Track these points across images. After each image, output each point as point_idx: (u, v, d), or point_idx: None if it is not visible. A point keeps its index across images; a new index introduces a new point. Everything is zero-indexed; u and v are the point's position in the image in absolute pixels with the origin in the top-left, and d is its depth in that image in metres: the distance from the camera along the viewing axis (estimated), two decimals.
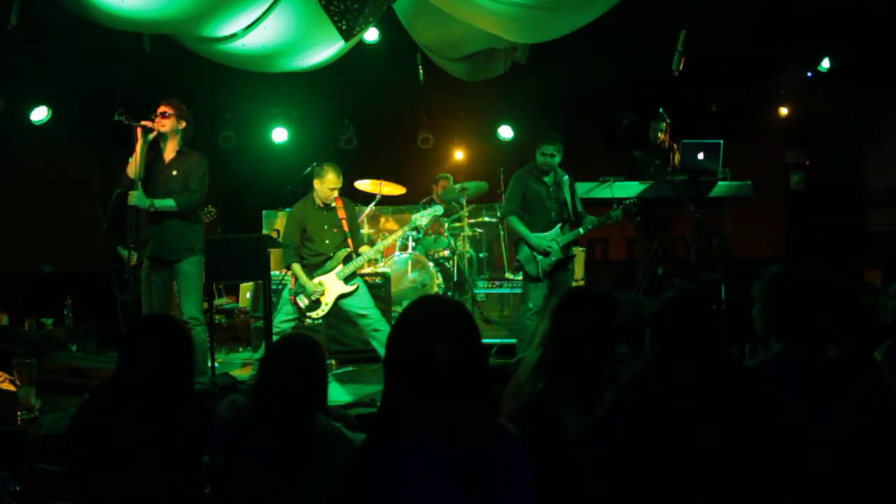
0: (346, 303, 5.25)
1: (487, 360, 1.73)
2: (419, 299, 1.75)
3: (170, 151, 4.77)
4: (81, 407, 2.33)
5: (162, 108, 4.69)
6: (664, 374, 2.10)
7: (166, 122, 4.67)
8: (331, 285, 5.23)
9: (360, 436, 2.49)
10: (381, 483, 1.55)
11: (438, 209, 5.67)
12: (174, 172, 4.73)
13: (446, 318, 1.67)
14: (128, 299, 5.65)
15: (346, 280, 5.24)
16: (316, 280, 5.22)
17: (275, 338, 4.90)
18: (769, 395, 2.04)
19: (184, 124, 4.77)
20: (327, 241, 5.33)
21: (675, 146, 6.47)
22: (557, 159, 5.31)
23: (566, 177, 5.44)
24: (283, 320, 5.25)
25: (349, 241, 5.38)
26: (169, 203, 4.64)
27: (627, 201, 5.37)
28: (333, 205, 5.38)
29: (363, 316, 5.25)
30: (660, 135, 6.49)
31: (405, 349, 1.64)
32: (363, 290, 5.33)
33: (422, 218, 5.53)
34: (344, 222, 5.37)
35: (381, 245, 5.44)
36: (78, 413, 2.32)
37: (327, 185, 5.27)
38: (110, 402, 2.28)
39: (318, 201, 5.35)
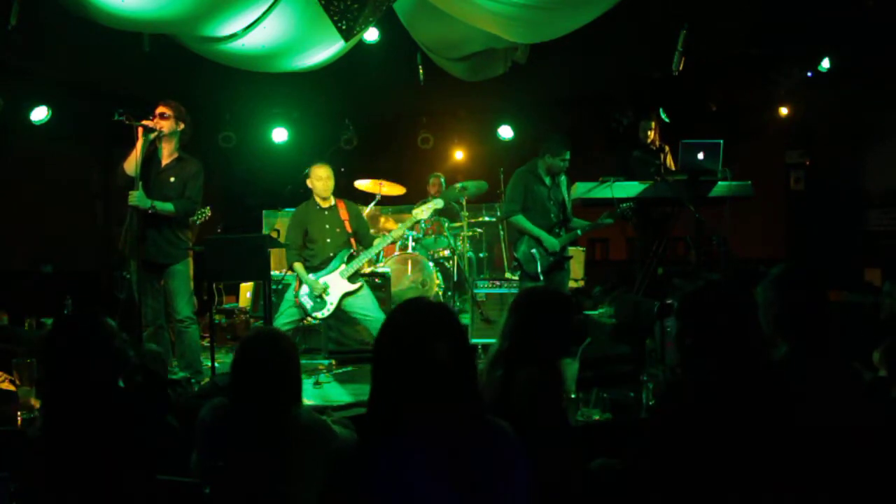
0: (350, 305, 5.24)
1: (476, 359, 1.76)
2: (408, 302, 1.77)
3: (167, 154, 4.72)
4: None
5: (161, 109, 4.64)
6: (691, 377, 2.07)
7: (165, 124, 4.62)
8: (335, 284, 5.22)
9: (345, 431, 2.52)
10: (378, 485, 1.55)
11: (438, 202, 5.62)
12: (172, 179, 4.70)
13: (441, 318, 1.69)
14: (123, 298, 5.67)
15: (350, 279, 5.24)
16: (321, 280, 5.22)
17: None
18: (795, 395, 2.01)
19: (182, 126, 4.72)
20: (329, 241, 5.32)
21: (667, 147, 6.48)
22: None
23: (563, 176, 5.44)
24: (284, 322, 5.23)
25: (352, 241, 5.38)
26: (168, 207, 4.62)
27: (623, 205, 5.36)
28: (334, 204, 5.38)
29: (368, 318, 5.24)
30: (649, 133, 6.50)
31: (401, 349, 1.65)
32: (367, 292, 5.32)
33: (423, 212, 5.49)
34: (346, 223, 5.37)
35: (384, 240, 5.42)
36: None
37: (318, 177, 5.28)
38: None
39: (319, 202, 5.35)
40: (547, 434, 2.17)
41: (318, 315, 5.23)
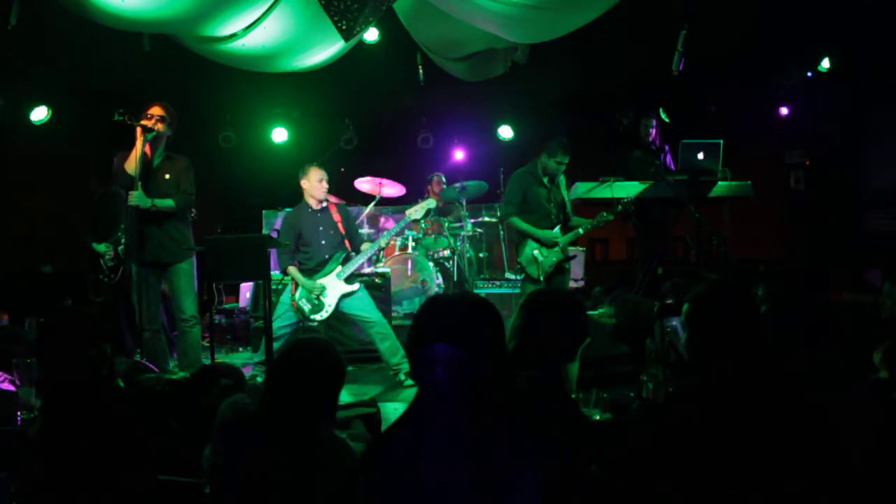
0: (347, 306, 5.24)
1: (507, 355, 1.75)
2: (439, 297, 1.77)
3: (159, 153, 4.78)
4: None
5: (160, 112, 4.67)
6: (704, 379, 2.05)
7: (162, 125, 4.67)
8: (332, 285, 5.21)
9: (360, 446, 2.49)
10: (394, 468, 1.56)
11: (431, 202, 5.63)
12: (166, 176, 4.76)
13: (473, 314, 1.69)
14: (101, 301, 5.66)
15: (347, 280, 5.23)
16: (318, 282, 5.21)
17: (275, 343, 4.90)
18: (813, 401, 1.99)
19: (172, 129, 4.78)
20: (323, 242, 5.31)
21: (667, 147, 6.48)
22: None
23: (562, 177, 5.44)
24: (281, 325, 5.20)
25: (346, 242, 5.37)
26: (168, 203, 4.67)
27: (624, 200, 5.37)
28: (326, 205, 5.37)
29: (365, 319, 5.24)
30: (651, 130, 6.51)
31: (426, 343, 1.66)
32: (363, 293, 5.32)
33: (416, 212, 5.49)
34: (339, 225, 5.36)
35: (379, 242, 5.42)
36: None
37: (313, 179, 5.29)
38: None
39: (311, 203, 5.34)
40: (546, 436, 2.16)
41: (317, 318, 5.23)
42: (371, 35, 5.90)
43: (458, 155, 9.22)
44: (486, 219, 7.72)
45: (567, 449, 2.20)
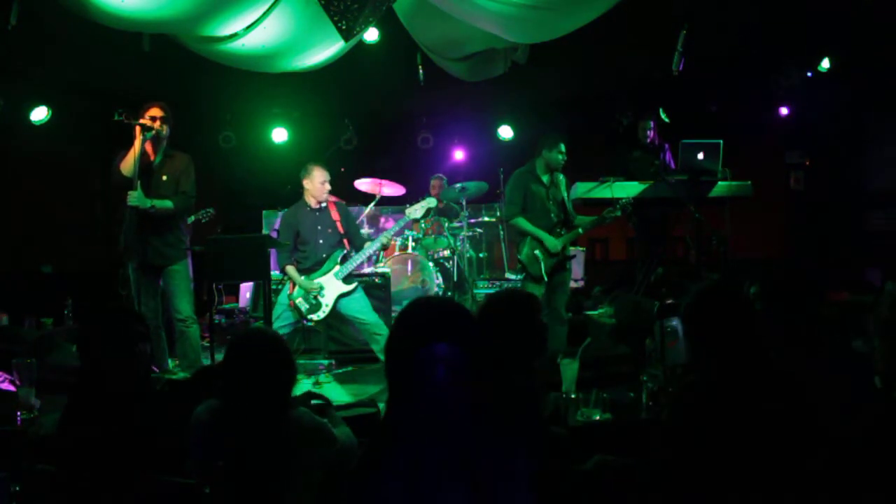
0: (344, 306, 5.22)
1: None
2: (415, 301, 1.76)
3: (157, 153, 4.74)
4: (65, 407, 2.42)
5: (159, 112, 4.63)
6: (701, 377, 2.05)
7: (164, 126, 4.65)
8: (329, 285, 5.21)
9: (342, 429, 2.53)
10: (391, 482, 1.56)
11: (431, 201, 5.59)
12: (164, 177, 4.70)
13: (449, 319, 1.69)
14: (125, 294, 5.67)
15: (345, 280, 5.23)
16: (315, 281, 5.21)
17: None
18: (809, 400, 1.99)
19: (169, 127, 4.75)
20: (321, 241, 5.30)
21: (667, 146, 6.49)
22: None
23: (561, 175, 5.43)
24: (280, 325, 5.17)
25: (345, 241, 5.37)
26: (167, 204, 4.63)
27: (623, 201, 5.37)
28: (325, 205, 5.36)
29: (361, 321, 5.22)
30: (648, 132, 6.52)
31: (407, 352, 1.65)
32: (360, 294, 5.30)
33: (415, 211, 5.47)
34: (338, 224, 5.35)
35: (380, 240, 5.41)
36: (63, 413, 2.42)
37: (317, 180, 5.26)
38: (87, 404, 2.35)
39: (310, 202, 5.33)
40: (524, 437, 2.15)
41: (314, 318, 5.22)
42: (371, 35, 5.90)
43: (458, 155, 9.23)
44: (486, 219, 7.73)
45: (542, 448, 2.20)
